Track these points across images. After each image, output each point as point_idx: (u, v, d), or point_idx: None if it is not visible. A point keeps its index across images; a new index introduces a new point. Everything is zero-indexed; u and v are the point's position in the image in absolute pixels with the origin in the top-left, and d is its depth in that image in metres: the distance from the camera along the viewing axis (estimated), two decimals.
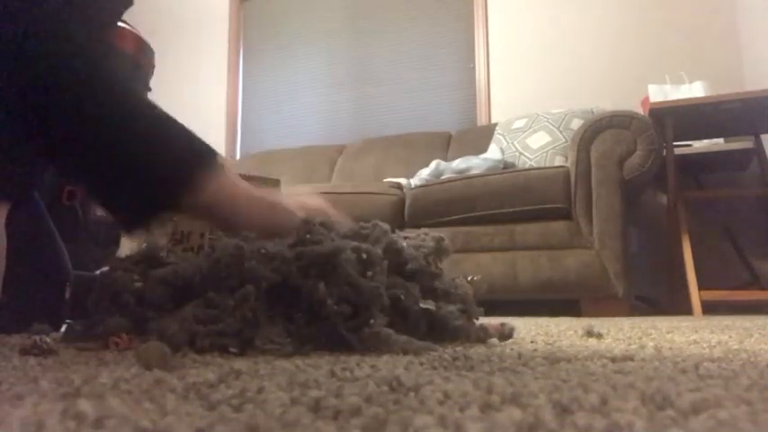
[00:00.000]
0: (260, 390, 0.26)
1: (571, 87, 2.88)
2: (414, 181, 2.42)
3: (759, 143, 2.27)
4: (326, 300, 0.48)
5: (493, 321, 0.63)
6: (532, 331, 0.83)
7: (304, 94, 3.52)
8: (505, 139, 2.53)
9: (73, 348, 0.50)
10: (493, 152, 2.47)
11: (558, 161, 2.31)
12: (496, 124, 2.72)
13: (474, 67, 3.15)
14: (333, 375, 0.32)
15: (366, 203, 2.20)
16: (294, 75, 3.55)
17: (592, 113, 2.34)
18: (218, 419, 0.19)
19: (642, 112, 2.19)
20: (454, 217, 2.07)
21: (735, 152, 2.30)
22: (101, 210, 1.31)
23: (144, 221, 0.57)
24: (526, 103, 2.84)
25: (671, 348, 0.55)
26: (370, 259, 0.53)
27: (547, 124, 2.46)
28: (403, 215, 2.17)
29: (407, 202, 2.19)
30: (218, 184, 0.59)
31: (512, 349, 0.51)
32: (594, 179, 1.98)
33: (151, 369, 0.33)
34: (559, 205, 1.99)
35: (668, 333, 0.79)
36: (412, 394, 0.25)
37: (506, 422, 0.19)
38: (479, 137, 2.76)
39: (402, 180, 2.46)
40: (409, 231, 0.69)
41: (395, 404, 0.23)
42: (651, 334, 0.77)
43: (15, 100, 0.52)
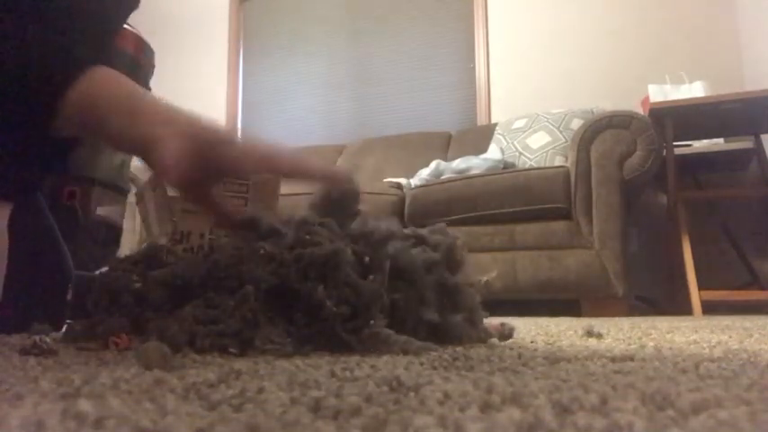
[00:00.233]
0: (260, 390, 0.26)
1: (571, 87, 2.88)
2: (414, 181, 2.42)
3: (759, 143, 2.27)
4: (325, 301, 0.48)
5: (493, 321, 0.63)
6: (532, 331, 0.83)
7: (304, 94, 3.52)
8: (505, 139, 2.53)
9: (73, 348, 0.50)
10: (493, 152, 2.47)
11: (558, 161, 2.31)
12: (496, 124, 2.72)
13: (474, 67, 3.15)
14: (333, 375, 0.32)
15: (366, 203, 2.20)
16: (294, 75, 3.55)
17: (592, 113, 2.34)
18: (218, 419, 0.19)
19: (642, 112, 2.19)
20: (454, 217, 2.07)
21: (735, 152, 2.30)
22: (101, 209, 1.31)
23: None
24: (526, 103, 2.85)
25: (671, 348, 0.55)
26: (371, 263, 0.52)
27: (547, 124, 2.46)
28: (403, 215, 2.17)
29: (407, 202, 2.19)
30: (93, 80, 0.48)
31: (512, 349, 0.51)
32: (594, 179, 1.98)
33: (151, 369, 0.33)
34: (559, 205, 1.99)
35: (668, 333, 0.79)
36: (412, 394, 0.25)
37: (506, 422, 0.19)
38: (479, 137, 2.76)
39: (402, 180, 2.46)
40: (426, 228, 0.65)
41: (395, 404, 0.23)
42: (651, 334, 0.77)
43: None
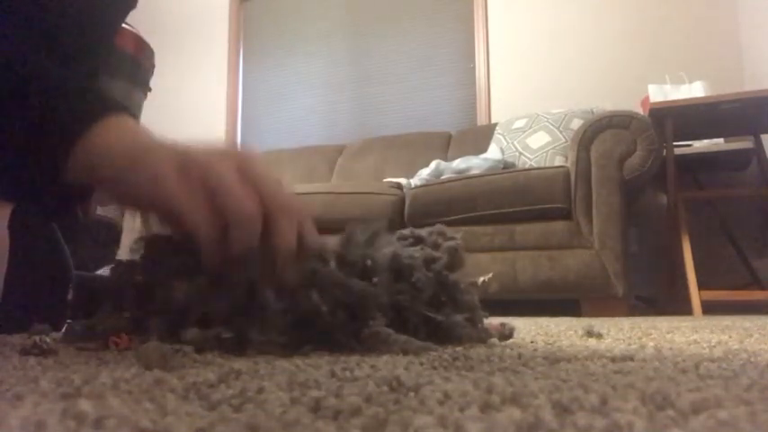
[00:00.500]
0: (260, 390, 0.26)
1: (571, 87, 2.88)
2: (414, 181, 2.42)
3: (759, 143, 2.27)
4: (321, 308, 0.47)
5: (493, 321, 0.63)
6: (532, 331, 0.83)
7: (304, 94, 3.52)
8: (505, 139, 2.53)
9: (73, 348, 0.50)
10: (493, 152, 2.47)
11: (558, 161, 2.31)
12: (496, 124, 2.72)
13: (474, 67, 3.15)
14: (333, 375, 0.32)
15: (366, 203, 2.20)
16: (294, 75, 3.56)
17: (592, 113, 2.34)
18: (218, 419, 0.19)
19: (642, 112, 2.20)
20: (454, 217, 2.07)
21: (735, 152, 2.30)
22: (101, 209, 1.31)
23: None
24: (526, 103, 2.85)
25: (671, 348, 0.55)
26: (374, 266, 0.52)
27: (547, 124, 2.46)
28: (403, 215, 2.17)
29: (407, 202, 2.19)
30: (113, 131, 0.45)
31: (512, 349, 0.51)
32: (594, 179, 1.98)
33: (151, 369, 0.33)
34: (559, 205, 1.99)
35: (668, 333, 0.79)
36: (412, 394, 0.25)
37: (506, 422, 0.19)
38: (479, 137, 2.76)
39: (402, 180, 2.46)
40: (422, 228, 0.65)
41: (395, 404, 0.23)
42: (651, 334, 0.77)
43: None
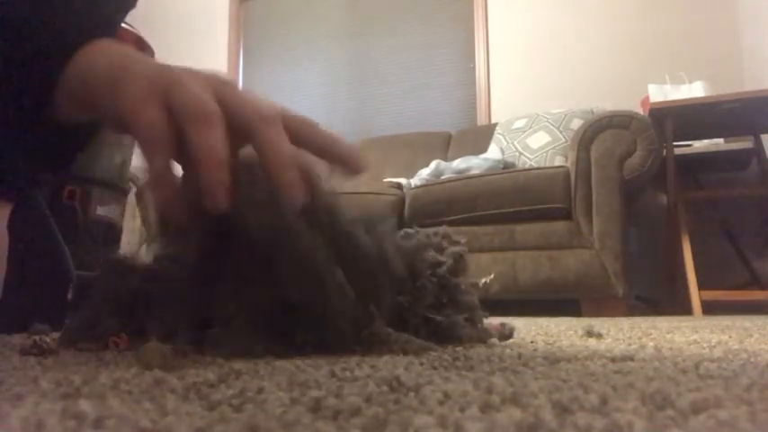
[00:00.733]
0: (260, 390, 0.26)
1: (571, 87, 2.88)
2: (414, 181, 2.42)
3: (759, 143, 2.27)
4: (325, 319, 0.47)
5: (493, 321, 0.63)
6: (532, 331, 0.83)
7: (304, 94, 3.52)
8: (505, 139, 2.53)
9: (73, 348, 0.49)
10: (493, 152, 2.48)
11: (558, 161, 2.31)
12: (496, 124, 2.72)
13: (474, 67, 3.15)
14: (333, 375, 0.32)
15: (366, 203, 2.21)
16: (294, 75, 3.56)
17: (592, 113, 2.34)
18: (218, 419, 0.19)
19: (642, 112, 2.20)
20: (454, 217, 2.07)
21: (735, 152, 2.31)
22: (101, 209, 1.31)
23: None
24: (526, 103, 2.85)
25: (671, 348, 0.55)
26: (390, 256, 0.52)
27: (547, 124, 2.46)
28: (403, 215, 2.17)
29: (407, 202, 2.19)
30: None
31: (512, 349, 0.51)
32: (594, 179, 1.98)
33: (151, 369, 0.33)
34: (559, 205, 1.99)
35: (668, 333, 0.79)
36: (412, 394, 0.25)
37: (506, 422, 0.19)
38: (479, 137, 2.76)
39: (402, 180, 2.46)
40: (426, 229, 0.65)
41: (395, 404, 0.23)
42: (651, 334, 0.77)
43: None
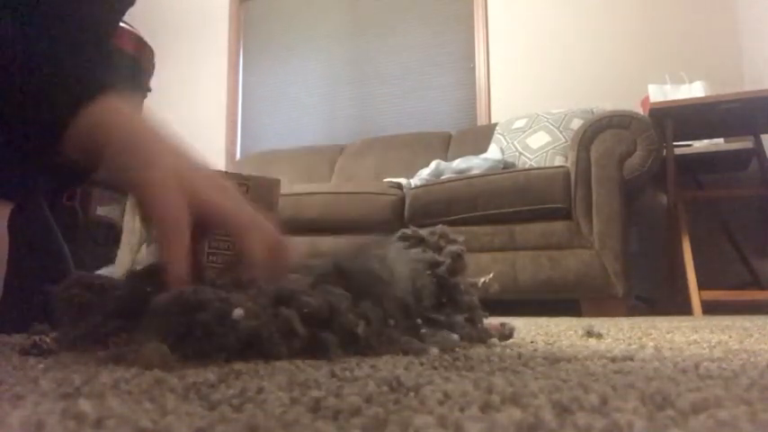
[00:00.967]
0: (260, 390, 0.26)
1: (571, 87, 2.88)
2: (414, 181, 2.42)
3: (759, 143, 2.27)
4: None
5: (493, 321, 0.63)
6: (532, 331, 0.83)
7: (304, 94, 3.52)
8: (505, 139, 2.53)
9: (73, 348, 0.49)
10: (493, 152, 2.47)
11: (558, 161, 2.31)
12: (496, 124, 2.72)
13: (474, 67, 3.15)
14: (333, 375, 0.32)
15: (366, 203, 2.21)
16: (294, 75, 3.56)
17: (592, 113, 2.34)
18: (218, 419, 0.19)
19: (642, 112, 2.19)
20: (454, 217, 2.07)
21: (735, 152, 2.30)
22: (101, 209, 1.31)
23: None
24: (526, 103, 2.85)
25: (671, 348, 0.55)
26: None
27: (547, 124, 2.46)
28: (403, 215, 2.17)
29: (407, 202, 2.19)
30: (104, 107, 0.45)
31: (512, 349, 0.51)
32: (594, 179, 1.98)
33: (151, 369, 0.33)
34: (559, 205, 1.98)
35: (668, 333, 0.79)
36: (412, 394, 0.25)
37: (506, 422, 0.19)
38: (479, 137, 2.76)
39: (402, 180, 2.46)
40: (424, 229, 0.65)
41: (395, 404, 0.23)
42: (651, 334, 0.77)
43: None
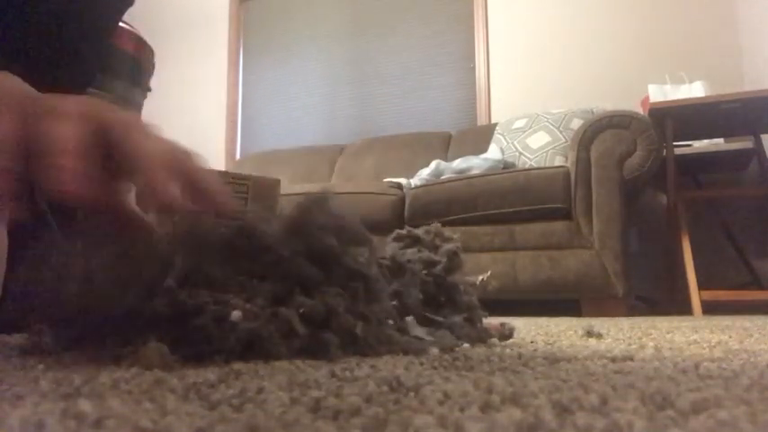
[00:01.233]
0: (260, 390, 0.26)
1: (571, 87, 2.88)
2: (414, 181, 2.42)
3: (759, 143, 2.27)
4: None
5: (493, 321, 0.63)
6: (532, 331, 0.83)
7: (304, 94, 3.52)
8: (505, 139, 2.53)
9: (73, 348, 0.49)
10: (493, 152, 2.47)
11: (558, 161, 2.31)
12: (496, 124, 2.72)
13: (474, 67, 3.15)
14: (333, 375, 0.32)
15: (366, 203, 2.20)
16: (294, 75, 3.56)
17: (592, 113, 2.34)
18: (218, 419, 0.19)
19: (642, 112, 2.19)
20: (454, 217, 2.07)
21: (735, 152, 2.30)
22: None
23: None
24: (526, 103, 2.85)
25: (671, 348, 0.55)
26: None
27: (547, 124, 2.46)
28: (403, 215, 2.17)
29: (407, 202, 2.19)
30: None
31: (512, 349, 0.51)
32: (594, 179, 1.98)
33: (151, 369, 0.33)
34: (559, 205, 1.99)
35: (668, 333, 0.79)
36: (412, 394, 0.25)
37: (506, 422, 0.19)
38: (479, 137, 2.76)
39: (402, 180, 2.46)
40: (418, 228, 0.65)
41: (395, 404, 0.23)
42: (651, 334, 0.77)
43: None
